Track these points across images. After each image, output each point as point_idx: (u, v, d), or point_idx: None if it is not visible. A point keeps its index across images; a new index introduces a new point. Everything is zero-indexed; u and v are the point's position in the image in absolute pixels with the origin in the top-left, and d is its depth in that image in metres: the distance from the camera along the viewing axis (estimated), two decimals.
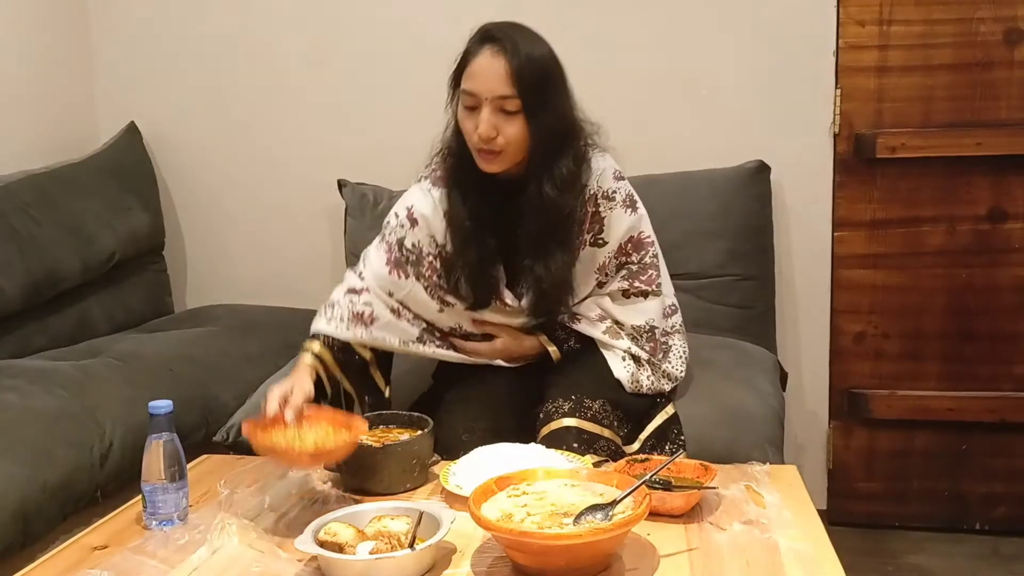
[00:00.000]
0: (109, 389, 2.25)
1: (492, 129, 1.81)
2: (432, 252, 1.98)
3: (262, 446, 1.64)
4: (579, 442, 1.84)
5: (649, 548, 1.50)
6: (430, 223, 1.98)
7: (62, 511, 1.99)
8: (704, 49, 2.86)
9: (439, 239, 1.98)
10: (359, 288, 2.01)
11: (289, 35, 3.09)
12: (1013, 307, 2.75)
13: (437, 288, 1.99)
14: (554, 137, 1.86)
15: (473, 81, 1.82)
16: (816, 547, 1.49)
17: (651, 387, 2.01)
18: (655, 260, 2.05)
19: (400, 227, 2.00)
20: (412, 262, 1.99)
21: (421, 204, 1.99)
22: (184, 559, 1.52)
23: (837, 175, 2.80)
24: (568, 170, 1.88)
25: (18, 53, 2.92)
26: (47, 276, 2.59)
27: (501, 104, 1.81)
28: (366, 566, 1.40)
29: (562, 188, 1.87)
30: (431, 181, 2.01)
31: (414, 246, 1.99)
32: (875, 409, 2.84)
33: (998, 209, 2.73)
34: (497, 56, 1.80)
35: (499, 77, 1.80)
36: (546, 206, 1.87)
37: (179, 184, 3.24)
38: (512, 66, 1.79)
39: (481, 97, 1.81)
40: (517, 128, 1.82)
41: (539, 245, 1.91)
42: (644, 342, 2.01)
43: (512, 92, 1.80)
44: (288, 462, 1.63)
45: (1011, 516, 2.82)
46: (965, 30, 2.67)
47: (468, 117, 1.85)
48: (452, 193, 1.95)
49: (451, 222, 1.95)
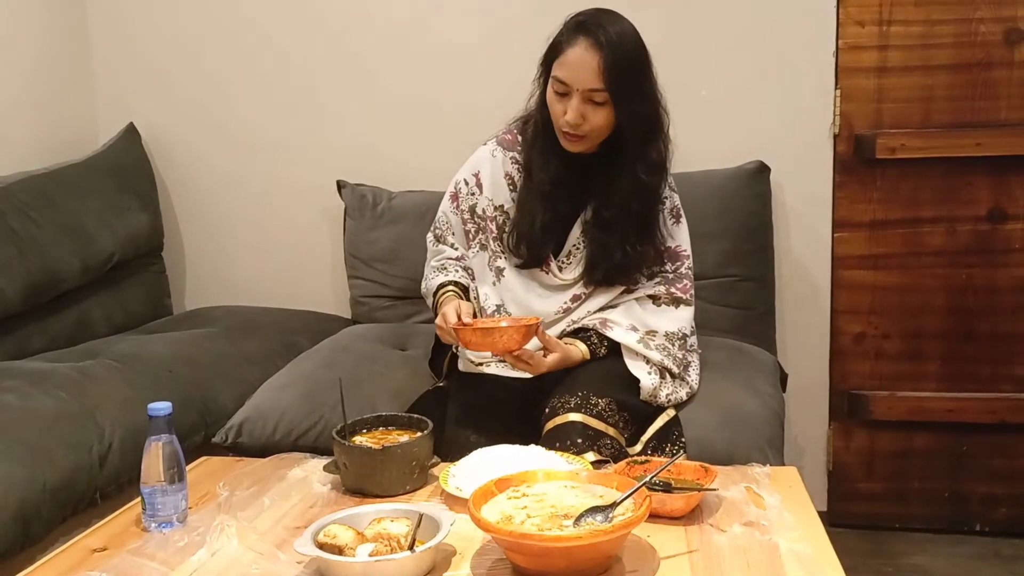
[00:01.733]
0: (108, 390, 2.25)
1: (580, 117, 1.92)
2: (492, 215, 2.10)
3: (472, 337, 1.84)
4: (583, 438, 1.84)
5: (649, 550, 1.49)
6: (494, 185, 2.11)
7: (61, 513, 1.98)
8: (704, 50, 2.86)
9: (496, 201, 2.10)
10: (457, 256, 2.16)
11: (288, 36, 3.09)
12: (1013, 308, 2.75)
13: (494, 253, 2.11)
14: (643, 123, 1.97)
15: (565, 70, 1.91)
16: (816, 549, 1.48)
17: (666, 402, 2.01)
18: (689, 272, 2.11)
19: (471, 194, 2.14)
20: (481, 228, 2.13)
21: (487, 167, 2.12)
22: (183, 561, 1.52)
23: (837, 176, 2.80)
24: (659, 154, 2.02)
25: (17, 54, 2.92)
26: (46, 277, 2.59)
27: (591, 95, 1.90)
28: (365, 568, 1.40)
29: (652, 171, 2.01)
30: (498, 141, 2.13)
31: (483, 211, 2.12)
32: (875, 410, 2.84)
33: (998, 209, 2.72)
34: (591, 49, 1.88)
35: (591, 71, 1.88)
36: (639, 187, 1.99)
37: (178, 185, 3.23)
38: (605, 62, 1.88)
39: (572, 87, 1.90)
40: (603, 117, 1.93)
41: (626, 220, 2.00)
42: (676, 350, 2.04)
43: (602, 86, 1.89)
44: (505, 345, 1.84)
45: (1011, 517, 2.82)
46: (965, 30, 2.67)
47: (557, 100, 1.94)
48: (533, 155, 2.05)
49: (527, 183, 2.05)
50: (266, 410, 2.26)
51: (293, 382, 2.36)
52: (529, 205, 2.05)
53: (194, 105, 3.18)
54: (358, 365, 2.39)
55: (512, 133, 2.12)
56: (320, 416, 2.21)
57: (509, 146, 2.11)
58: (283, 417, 2.23)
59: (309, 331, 2.82)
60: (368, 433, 1.88)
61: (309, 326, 2.88)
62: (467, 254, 2.17)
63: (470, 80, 3.00)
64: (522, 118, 2.11)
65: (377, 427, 1.89)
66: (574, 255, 2.08)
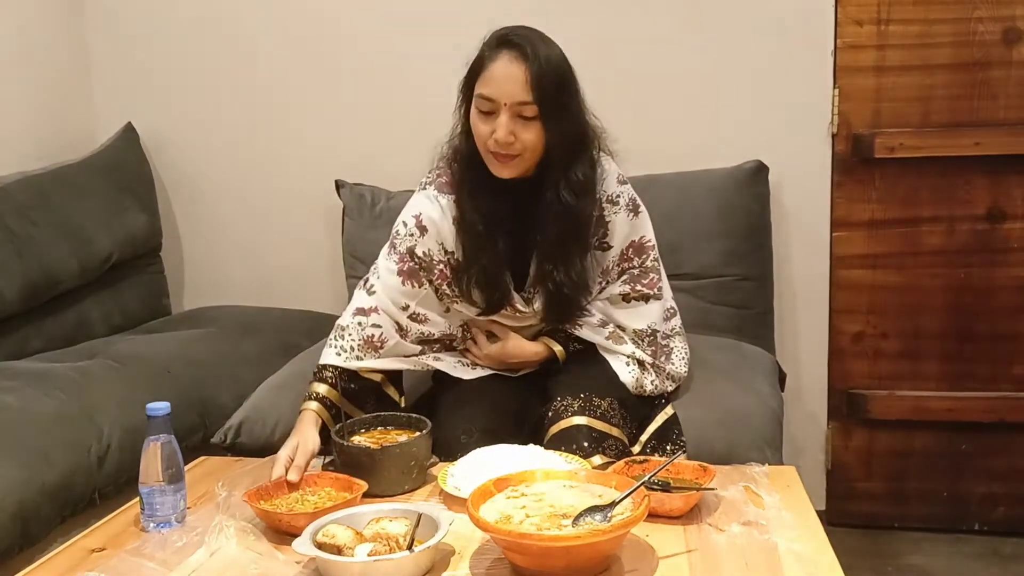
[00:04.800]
0: (107, 391, 2.25)
1: (510, 135, 1.82)
2: (442, 260, 1.98)
3: (262, 513, 1.62)
4: (589, 441, 1.83)
5: (648, 549, 1.49)
6: (439, 230, 1.97)
7: (60, 513, 1.98)
8: (702, 49, 2.85)
9: (448, 246, 1.97)
10: (367, 308, 1.98)
11: (287, 36, 3.08)
12: (1012, 307, 2.75)
13: (447, 296, 2.00)
14: (570, 142, 1.88)
15: (490, 86, 1.83)
16: (815, 548, 1.48)
17: (655, 390, 2.02)
18: (656, 264, 2.06)
19: (410, 236, 1.98)
20: (425, 268, 1.98)
21: (429, 210, 1.98)
22: (182, 561, 1.52)
23: (835, 175, 2.80)
24: (584, 174, 1.90)
25: (15, 54, 2.92)
26: (44, 278, 2.59)
27: (519, 110, 1.82)
28: (364, 568, 1.39)
29: (579, 193, 1.90)
30: (436, 188, 2.00)
31: (425, 254, 1.98)
32: (874, 409, 2.84)
33: (997, 209, 2.72)
34: (515, 61, 1.82)
35: (518, 83, 1.81)
36: (566, 211, 1.89)
37: (176, 185, 3.23)
38: (532, 72, 1.80)
39: (499, 102, 1.82)
40: (534, 134, 1.84)
41: (559, 250, 1.92)
42: (646, 346, 2.02)
43: (530, 99, 1.81)
44: (287, 526, 1.62)
45: (1010, 517, 2.82)
46: (963, 30, 2.67)
47: (483, 121, 1.85)
48: (462, 197, 1.95)
49: (462, 227, 1.95)
50: (265, 410, 2.26)
51: (292, 382, 2.35)
52: (469, 250, 1.95)
53: (192, 105, 3.17)
54: None
55: (447, 174, 1.99)
56: None
57: (447, 190, 1.98)
58: (282, 417, 2.22)
59: (308, 331, 2.81)
60: (367, 433, 1.88)
61: (308, 326, 2.88)
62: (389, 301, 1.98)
63: None
64: (447, 156, 1.99)
65: (376, 427, 1.89)
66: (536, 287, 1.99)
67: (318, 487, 1.72)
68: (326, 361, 1.98)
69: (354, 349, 1.97)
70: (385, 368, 2.01)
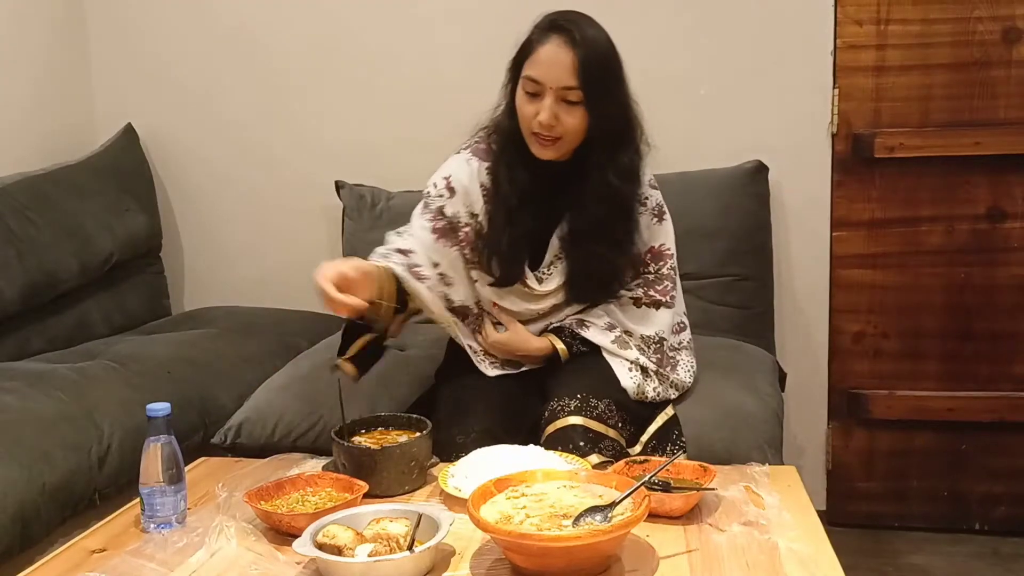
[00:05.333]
0: (107, 391, 2.25)
1: (553, 118, 1.85)
2: (468, 223, 2.00)
3: (262, 513, 1.62)
4: (585, 440, 1.83)
5: (648, 549, 1.49)
6: (468, 193, 2.00)
7: (60, 514, 1.98)
8: (702, 49, 2.86)
9: (474, 209, 2.00)
10: (406, 249, 1.97)
11: (286, 36, 3.09)
12: (1012, 307, 2.75)
13: (467, 261, 2.02)
14: (614, 128, 1.91)
15: (538, 69, 1.86)
16: (815, 548, 1.48)
17: (656, 396, 2.01)
18: (672, 273, 2.07)
19: (439, 196, 2.01)
20: (454, 228, 2.00)
21: (460, 173, 2.01)
22: (183, 562, 1.51)
23: (835, 175, 2.80)
24: (631, 160, 1.95)
25: (15, 55, 2.92)
26: (45, 278, 2.59)
27: (564, 95, 1.85)
28: (365, 568, 1.39)
29: (625, 178, 1.94)
30: (472, 151, 2.03)
31: (454, 215, 2.00)
32: (874, 409, 2.84)
33: (997, 208, 2.73)
34: (564, 46, 1.84)
35: (565, 68, 1.84)
36: (612, 193, 1.93)
37: (176, 186, 3.23)
38: (579, 58, 1.83)
39: (545, 86, 1.85)
40: (577, 118, 1.87)
41: (600, 230, 1.95)
42: (651, 353, 2.02)
43: (576, 83, 1.84)
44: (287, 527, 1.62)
45: (1011, 516, 2.82)
46: (963, 29, 2.67)
47: (529, 102, 1.88)
48: (499, 169, 1.98)
49: (495, 198, 1.98)
50: (265, 411, 2.26)
51: (292, 383, 2.35)
52: (497, 221, 1.97)
53: (192, 105, 3.17)
54: None
55: (486, 143, 2.03)
56: (319, 417, 2.21)
57: (484, 156, 2.01)
58: (282, 418, 2.22)
59: (308, 331, 2.81)
60: (367, 433, 1.88)
61: (308, 326, 2.88)
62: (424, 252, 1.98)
63: (469, 80, 2.99)
64: (488, 127, 2.03)
65: (376, 427, 1.89)
66: (555, 266, 2.02)
67: (318, 488, 1.72)
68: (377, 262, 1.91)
69: (400, 264, 1.93)
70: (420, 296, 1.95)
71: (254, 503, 1.63)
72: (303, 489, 1.71)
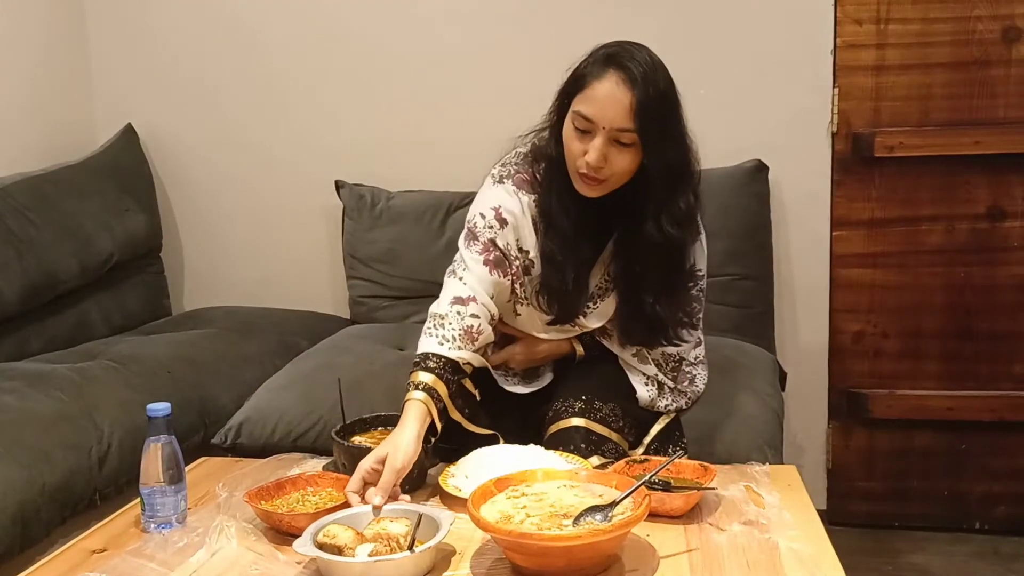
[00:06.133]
0: (107, 392, 2.25)
1: (602, 159, 1.72)
2: (517, 257, 1.86)
3: (263, 513, 1.61)
4: (586, 443, 1.82)
5: (649, 549, 1.49)
6: (518, 225, 1.85)
7: (60, 514, 1.98)
8: (702, 48, 2.85)
9: (524, 244, 1.86)
10: (465, 297, 1.81)
11: (286, 37, 3.09)
12: (1012, 306, 2.75)
13: (514, 296, 1.90)
14: (671, 170, 1.78)
15: (591, 107, 1.71)
16: (816, 547, 1.48)
17: (667, 407, 1.97)
18: (700, 295, 1.99)
19: (489, 228, 1.84)
20: (506, 259, 1.86)
21: (509, 204, 1.85)
22: (183, 562, 1.51)
23: (835, 174, 2.80)
24: (687, 204, 1.82)
25: (16, 55, 2.92)
26: (45, 278, 2.59)
27: (617, 136, 1.71)
28: (365, 568, 1.39)
29: (683, 223, 1.82)
30: (515, 183, 1.87)
31: (506, 246, 1.85)
32: (874, 409, 2.84)
33: (996, 208, 2.73)
34: (622, 85, 1.70)
35: (622, 109, 1.70)
36: (668, 242, 1.81)
37: (176, 186, 3.23)
38: (637, 98, 1.69)
39: (598, 125, 1.71)
40: (627, 161, 1.74)
41: (659, 283, 1.86)
42: (669, 370, 1.96)
43: (631, 126, 1.70)
44: (288, 527, 1.61)
45: (1011, 515, 2.82)
46: (962, 28, 2.67)
47: (577, 139, 1.74)
48: (549, 200, 1.83)
49: (550, 230, 1.85)
50: (265, 411, 2.26)
51: (292, 383, 2.36)
52: (556, 259, 1.83)
53: (192, 106, 3.17)
54: (357, 365, 2.39)
55: (528, 173, 1.86)
56: (319, 417, 2.21)
57: (528, 189, 1.85)
58: (282, 418, 2.23)
59: (308, 331, 2.81)
60: (367, 433, 1.88)
61: (308, 326, 2.88)
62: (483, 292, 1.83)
63: (469, 80, 3.00)
64: (529, 153, 1.88)
65: (376, 427, 1.89)
66: (597, 300, 1.91)
67: (319, 487, 1.72)
68: (428, 350, 1.77)
69: (456, 339, 1.78)
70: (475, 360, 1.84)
71: (254, 503, 1.63)
72: (303, 489, 1.71)
